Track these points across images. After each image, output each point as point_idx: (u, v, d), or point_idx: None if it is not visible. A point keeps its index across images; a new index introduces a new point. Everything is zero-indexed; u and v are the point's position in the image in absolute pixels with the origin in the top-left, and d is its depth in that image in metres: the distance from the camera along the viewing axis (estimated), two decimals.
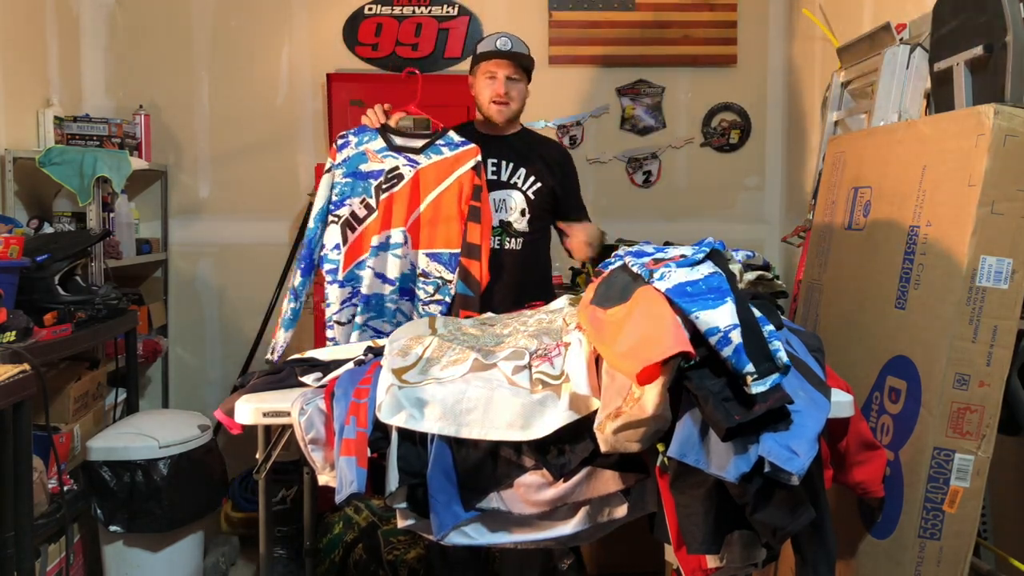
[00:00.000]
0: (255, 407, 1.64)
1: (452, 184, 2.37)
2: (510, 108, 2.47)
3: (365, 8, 3.67)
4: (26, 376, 1.97)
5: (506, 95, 2.44)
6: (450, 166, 2.38)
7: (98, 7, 3.62)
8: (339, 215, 2.36)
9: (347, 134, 2.41)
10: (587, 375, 1.51)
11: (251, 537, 3.17)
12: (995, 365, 1.61)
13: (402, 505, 1.55)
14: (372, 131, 2.40)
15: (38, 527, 2.29)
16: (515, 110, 2.49)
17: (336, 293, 2.37)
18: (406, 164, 2.38)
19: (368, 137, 2.39)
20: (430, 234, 2.37)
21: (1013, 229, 1.59)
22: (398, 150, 2.39)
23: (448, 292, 2.36)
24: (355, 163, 2.37)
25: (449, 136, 2.41)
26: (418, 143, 2.39)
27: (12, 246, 2.28)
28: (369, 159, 2.38)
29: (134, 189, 3.58)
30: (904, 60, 2.38)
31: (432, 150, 2.39)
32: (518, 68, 2.44)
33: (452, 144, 2.40)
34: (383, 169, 2.37)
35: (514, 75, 2.44)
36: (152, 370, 3.72)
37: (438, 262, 2.37)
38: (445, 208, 2.37)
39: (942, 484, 1.64)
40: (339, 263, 2.35)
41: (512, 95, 2.45)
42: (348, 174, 2.37)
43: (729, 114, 3.79)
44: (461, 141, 2.40)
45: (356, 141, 2.39)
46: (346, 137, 2.40)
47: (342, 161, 2.37)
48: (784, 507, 1.29)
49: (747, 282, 1.71)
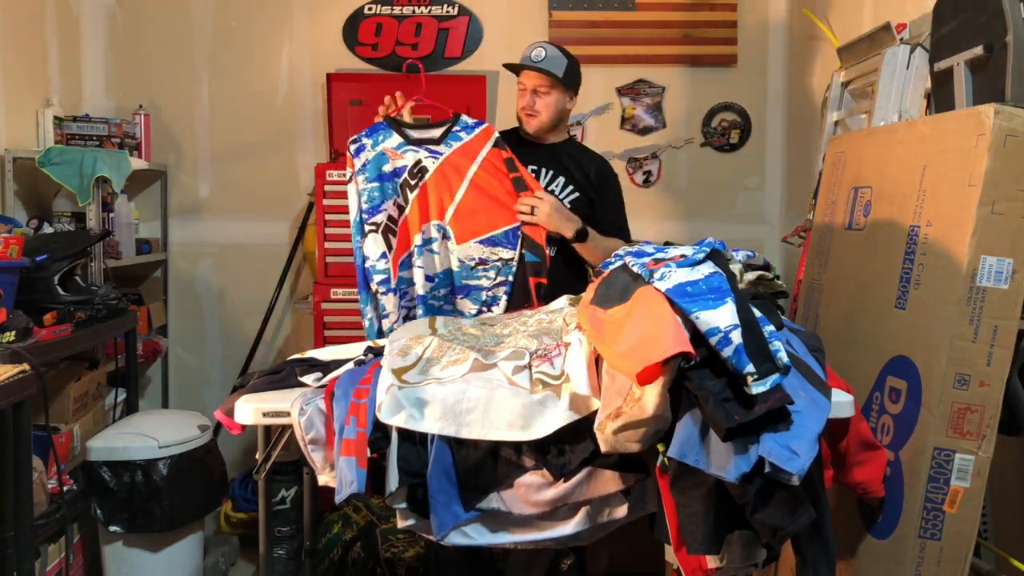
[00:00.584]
0: (255, 407, 1.64)
1: (483, 164, 2.32)
2: (538, 120, 2.43)
3: (365, 8, 3.67)
4: (26, 376, 1.97)
5: (532, 108, 2.42)
6: (473, 149, 2.33)
7: (98, 7, 3.62)
8: (376, 223, 2.30)
9: (360, 137, 2.34)
10: (587, 375, 1.51)
11: (251, 537, 3.17)
12: (995, 365, 1.61)
13: (402, 505, 1.55)
14: (386, 128, 2.34)
15: (38, 527, 2.29)
16: (544, 122, 2.44)
17: (392, 302, 2.30)
18: (428, 156, 2.32)
19: (383, 136, 2.34)
20: (477, 221, 2.30)
21: (1013, 229, 1.59)
22: (417, 143, 2.34)
23: (511, 270, 2.30)
24: (377, 165, 2.31)
25: (463, 120, 2.37)
26: (435, 132, 2.34)
27: (12, 246, 2.28)
28: (390, 158, 2.32)
29: (134, 189, 3.58)
30: (904, 60, 2.38)
31: (451, 137, 2.34)
32: (547, 80, 2.39)
33: (468, 127, 2.36)
34: (406, 165, 2.32)
35: (542, 88, 2.40)
36: (152, 370, 3.72)
37: (494, 245, 2.30)
38: (487, 190, 2.31)
39: (942, 484, 1.64)
40: (388, 271, 2.29)
41: (538, 108, 2.42)
42: (373, 178, 2.31)
43: (729, 114, 3.79)
44: (475, 122, 2.37)
45: (371, 143, 2.33)
46: (359, 141, 2.33)
47: (362, 166, 2.31)
48: (784, 507, 1.29)
49: (747, 282, 1.71)
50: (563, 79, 2.41)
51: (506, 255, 2.31)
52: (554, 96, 2.43)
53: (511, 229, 2.31)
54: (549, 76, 2.38)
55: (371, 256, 2.30)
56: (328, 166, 3.23)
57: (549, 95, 2.42)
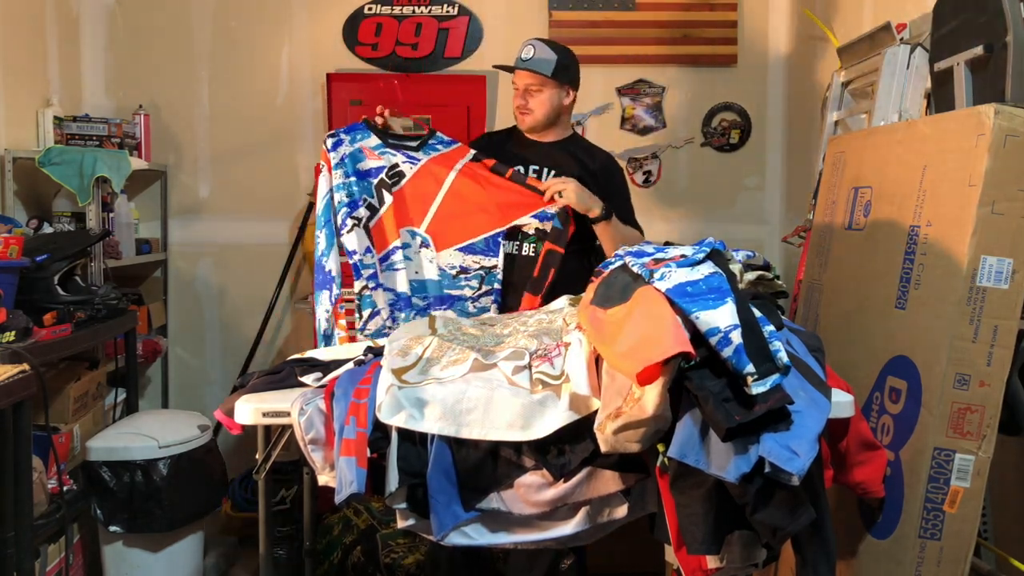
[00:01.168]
0: (255, 407, 1.64)
1: (463, 171, 2.33)
2: (532, 117, 2.44)
3: (365, 8, 3.67)
4: (26, 376, 1.97)
5: (525, 106, 2.43)
6: (451, 160, 2.36)
7: (98, 7, 3.62)
8: (358, 216, 2.31)
9: (337, 132, 2.37)
10: (587, 375, 1.51)
11: (251, 537, 3.16)
12: (995, 365, 1.61)
13: (402, 505, 1.55)
14: (364, 129, 2.37)
15: (38, 527, 2.28)
16: (538, 119, 2.44)
17: (383, 298, 2.30)
18: (406, 161, 2.35)
19: (360, 135, 2.37)
20: (456, 229, 2.31)
21: (1013, 229, 1.59)
22: (395, 147, 2.36)
23: (496, 279, 2.30)
24: (354, 161, 2.34)
25: (439, 135, 2.40)
26: (412, 143, 2.38)
27: (12, 246, 2.28)
28: (366, 156, 2.35)
29: (134, 189, 3.57)
30: (904, 60, 2.38)
31: (428, 148, 2.38)
32: (537, 78, 2.40)
33: (444, 142, 2.39)
34: (383, 166, 2.35)
35: (534, 85, 2.41)
36: (152, 370, 3.72)
37: (475, 253, 2.30)
38: (469, 197, 2.31)
39: (942, 484, 1.64)
40: (375, 266, 2.29)
41: (531, 106, 2.42)
42: (351, 173, 2.33)
43: (729, 114, 3.79)
44: (450, 140, 2.40)
45: (349, 139, 2.36)
46: (337, 135, 2.36)
47: (340, 160, 2.33)
48: (784, 507, 1.29)
49: (747, 282, 1.71)
50: (553, 76, 2.41)
51: (488, 263, 2.31)
52: (547, 93, 2.42)
53: (491, 236, 2.31)
54: (537, 75, 2.40)
55: (358, 250, 2.31)
56: None
57: (541, 92, 2.42)
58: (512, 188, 2.33)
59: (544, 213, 2.31)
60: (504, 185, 2.34)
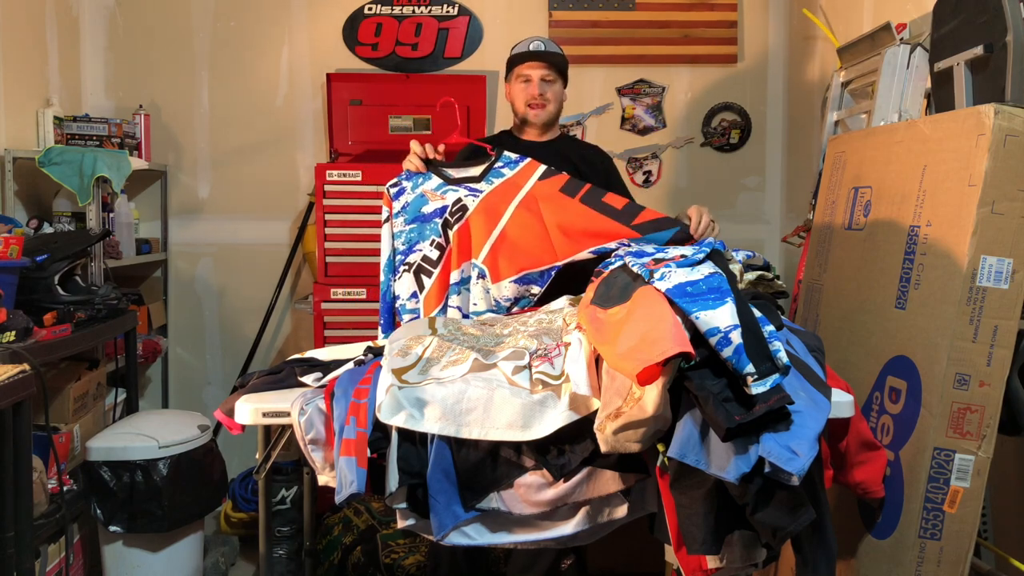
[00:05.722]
0: (255, 407, 1.64)
1: (525, 201, 2.23)
2: (547, 110, 2.44)
3: (365, 8, 3.67)
4: (26, 376, 1.97)
5: (541, 96, 2.42)
6: (515, 185, 2.25)
7: (98, 7, 3.62)
8: (410, 263, 2.26)
9: (399, 180, 2.29)
10: (587, 375, 1.51)
11: (251, 537, 3.17)
12: (995, 365, 1.61)
13: (402, 505, 1.55)
14: (424, 173, 2.29)
15: (38, 527, 2.28)
16: (552, 112, 2.45)
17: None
18: (468, 195, 2.26)
19: (422, 179, 2.28)
20: (513, 258, 2.21)
21: (1013, 229, 1.59)
22: (456, 183, 2.27)
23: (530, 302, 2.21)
24: (416, 207, 2.27)
25: (506, 156, 2.29)
26: (475, 171, 2.27)
27: (12, 246, 2.28)
28: (429, 199, 2.27)
29: (134, 189, 3.58)
30: (904, 60, 2.38)
31: (492, 174, 2.27)
32: (552, 69, 2.41)
33: (511, 163, 2.28)
34: (446, 205, 2.26)
35: (549, 76, 2.42)
36: (152, 370, 3.72)
37: (528, 283, 2.20)
38: (528, 228, 2.21)
39: (942, 484, 1.64)
40: (419, 311, 2.25)
41: (548, 96, 2.43)
42: (411, 220, 2.27)
43: (729, 114, 3.79)
44: (518, 157, 2.28)
45: (411, 185, 2.28)
46: (399, 184, 2.29)
47: (401, 208, 2.28)
48: (784, 507, 1.29)
49: (747, 282, 1.71)
50: (564, 69, 2.46)
51: (535, 291, 2.22)
52: (559, 85, 2.47)
53: (547, 269, 2.19)
54: (556, 65, 2.42)
55: (402, 295, 2.27)
56: (328, 166, 3.23)
57: (556, 83, 2.45)
58: (589, 215, 2.18)
59: (545, 276, 2.19)
60: (579, 211, 2.19)
